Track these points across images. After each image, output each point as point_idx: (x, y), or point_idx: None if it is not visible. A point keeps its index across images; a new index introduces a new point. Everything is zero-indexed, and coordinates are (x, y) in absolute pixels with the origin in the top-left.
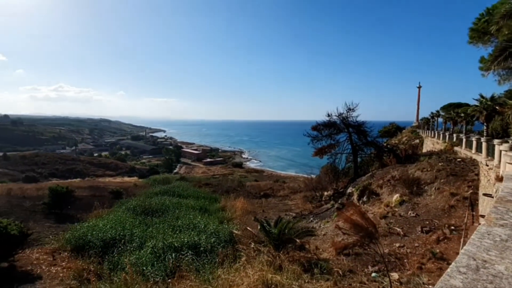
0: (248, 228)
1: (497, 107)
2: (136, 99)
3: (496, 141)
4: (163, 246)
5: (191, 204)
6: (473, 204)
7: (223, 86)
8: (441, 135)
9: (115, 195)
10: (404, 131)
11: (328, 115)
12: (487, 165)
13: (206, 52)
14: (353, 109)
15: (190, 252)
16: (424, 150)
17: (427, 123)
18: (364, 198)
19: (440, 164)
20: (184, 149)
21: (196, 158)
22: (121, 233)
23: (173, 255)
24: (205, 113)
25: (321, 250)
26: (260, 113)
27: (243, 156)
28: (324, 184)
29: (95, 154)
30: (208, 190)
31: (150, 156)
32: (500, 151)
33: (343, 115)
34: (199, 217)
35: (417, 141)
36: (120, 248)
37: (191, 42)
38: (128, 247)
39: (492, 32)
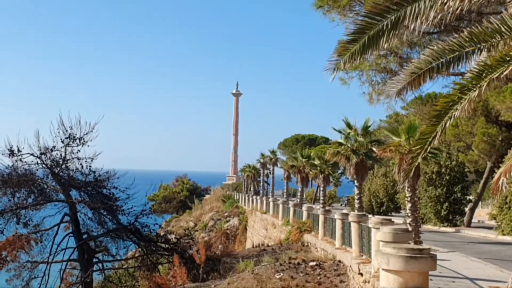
0: None
1: (374, 148)
2: None
3: (374, 220)
4: None
5: None
6: None
7: None
8: (281, 207)
9: None
10: (208, 197)
11: (12, 152)
12: (361, 273)
13: None
14: (82, 138)
15: None
16: (248, 242)
17: (253, 178)
18: None
19: (277, 277)
20: None
21: None
22: None
23: None
24: None
25: None
26: None
27: None
28: None
29: None
30: None
31: None
32: (378, 242)
33: (56, 152)
34: None
35: (235, 220)
36: None
37: None
38: None
39: None
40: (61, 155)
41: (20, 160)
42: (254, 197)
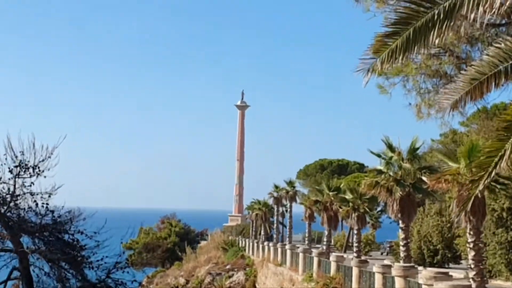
0: None
1: (424, 177)
2: None
3: (425, 274)
4: None
5: None
6: None
7: None
8: (301, 257)
9: None
10: (204, 243)
11: None
12: None
13: None
14: (36, 166)
15: None
16: None
17: (264, 218)
18: None
19: None
20: None
21: None
22: None
23: None
24: None
25: None
26: None
27: None
28: None
29: None
30: None
31: None
32: None
33: (2, 186)
34: None
35: (241, 275)
36: None
37: None
38: None
39: None
40: (8, 189)
41: None
42: (265, 243)
